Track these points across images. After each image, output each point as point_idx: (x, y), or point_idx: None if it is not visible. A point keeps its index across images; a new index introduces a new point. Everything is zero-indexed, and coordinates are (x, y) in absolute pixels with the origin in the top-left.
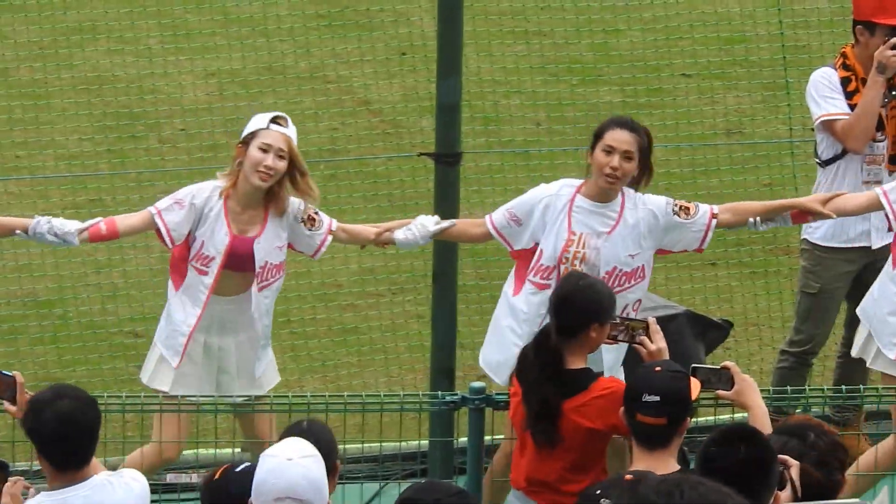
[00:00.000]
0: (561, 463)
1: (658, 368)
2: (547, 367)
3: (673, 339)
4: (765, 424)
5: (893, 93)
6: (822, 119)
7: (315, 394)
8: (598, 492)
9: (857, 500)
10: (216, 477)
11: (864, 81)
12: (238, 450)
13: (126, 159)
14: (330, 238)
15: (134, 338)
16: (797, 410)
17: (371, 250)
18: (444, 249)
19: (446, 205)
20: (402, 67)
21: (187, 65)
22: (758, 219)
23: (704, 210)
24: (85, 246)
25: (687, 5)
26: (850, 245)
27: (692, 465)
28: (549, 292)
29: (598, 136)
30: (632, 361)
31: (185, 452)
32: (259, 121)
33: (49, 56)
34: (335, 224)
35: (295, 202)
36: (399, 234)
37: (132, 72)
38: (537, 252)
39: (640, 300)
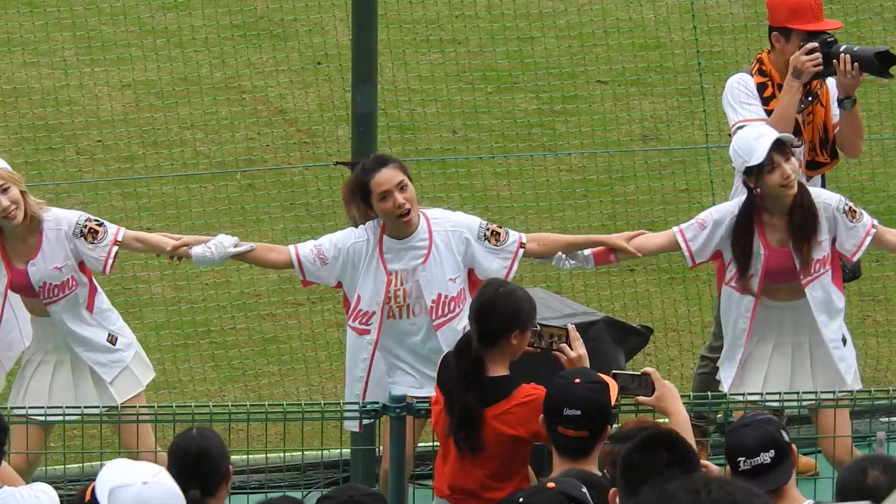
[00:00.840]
0: (483, 470)
1: (577, 381)
2: (468, 375)
3: (592, 345)
4: (686, 430)
5: (809, 98)
6: (740, 125)
7: (236, 403)
8: (521, 499)
9: None
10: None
11: (780, 87)
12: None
13: (43, 171)
14: (116, 249)
15: None
16: (718, 416)
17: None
18: None
19: None
20: (318, 77)
21: (103, 76)
22: (563, 255)
23: (514, 238)
24: None
25: (601, 12)
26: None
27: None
28: (367, 337)
29: (363, 191)
30: (550, 369)
31: (69, 466)
32: None
33: None
34: (123, 233)
35: (73, 216)
36: (196, 250)
37: (48, 84)
38: (354, 299)
39: (465, 326)
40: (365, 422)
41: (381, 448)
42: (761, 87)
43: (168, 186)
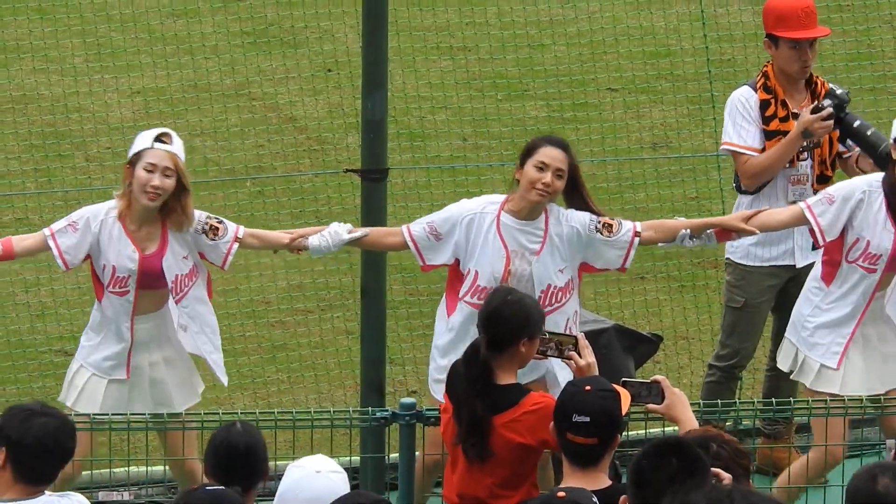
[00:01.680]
0: (492, 478)
1: (588, 388)
2: (477, 383)
3: (602, 353)
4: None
5: (808, 143)
6: (728, 148)
7: (246, 410)
8: None
9: None
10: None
11: (783, 104)
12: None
13: (53, 178)
14: (236, 246)
15: (63, 356)
16: (727, 424)
17: (299, 266)
18: (372, 265)
19: (373, 221)
20: (328, 84)
21: (112, 83)
22: (688, 232)
23: (627, 227)
24: (13, 264)
25: (611, 20)
26: (772, 263)
27: (624, 479)
28: (474, 313)
29: (529, 152)
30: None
31: (115, 470)
32: (144, 140)
33: None
34: (242, 230)
35: (197, 214)
36: (313, 240)
37: (57, 90)
38: (471, 273)
39: (577, 311)
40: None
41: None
42: (764, 105)
43: None
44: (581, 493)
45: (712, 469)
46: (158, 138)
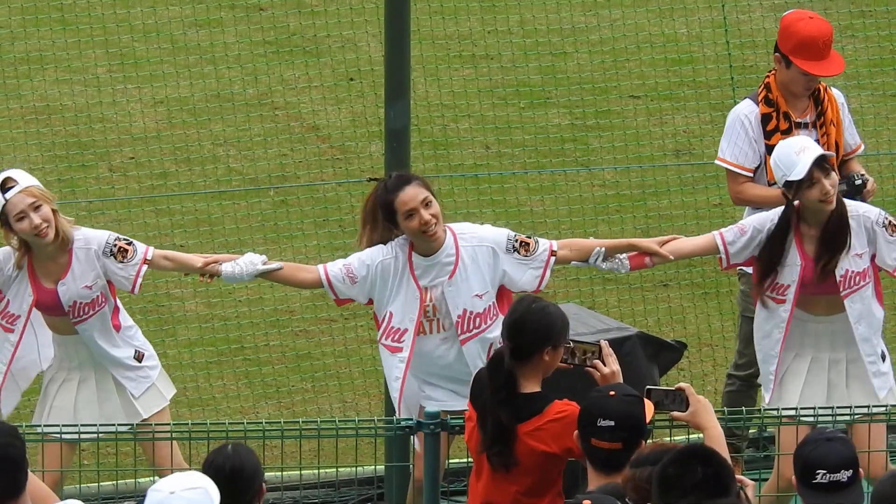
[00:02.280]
0: (516, 486)
1: (612, 393)
2: (501, 391)
3: (626, 361)
4: (721, 445)
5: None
6: (721, 164)
7: (270, 420)
8: None
9: None
10: None
11: (785, 116)
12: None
13: (76, 188)
14: (146, 268)
15: None
16: (751, 431)
17: None
18: None
19: None
20: (350, 93)
21: (136, 93)
22: (602, 251)
23: (544, 246)
24: None
25: (634, 27)
26: None
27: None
28: (399, 355)
29: (388, 211)
30: (584, 385)
31: (103, 483)
32: None
33: None
34: (152, 252)
35: (102, 235)
36: (226, 267)
37: (81, 101)
38: (386, 316)
39: (497, 337)
40: (415, 445)
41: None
42: (766, 119)
43: (201, 203)
44: (606, 500)
45: (738, 477)
46: (3, 189)
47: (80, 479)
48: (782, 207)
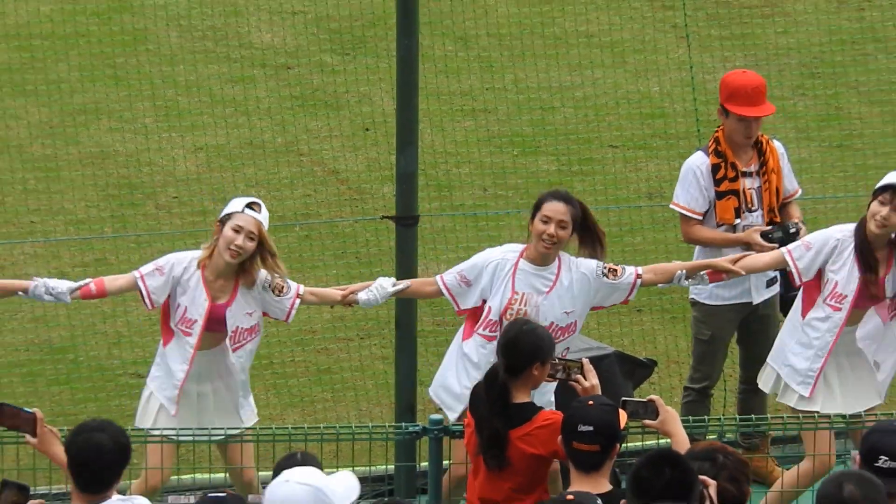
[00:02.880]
0: (509, 484)
1: (591, 403)
2: (496, 402)
3: (604, 376)
4: (685, 448)
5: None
6: (674, 207)
7: (295, 426)
8: None
9: None
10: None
11: (732, 165)
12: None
13: (127, 224)
14: (298, 301)
15: (137, 378)
16: (711, 437)
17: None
18: (404, 300)
19: (406, 261)
20: (366, 141)
21: (178, 140)
22: (684, 273)
23: (630, 272)
24: (93, 300)
25: (613, 85)
26: (733, 302)
27: (623, 485)
28: (491, 344)
29: (537, 206)
30: (567, 396)
31: (182, 477)
32: (236, 204)
33: (58, 134)
34: (303, 289)
35: (263, 274)
36: (362, 296)
37: (131, 147)
38: (485, 309)
39: (567, 348)
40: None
41: (449, 461)
42: (715, 168)
43: None
44: (586, 496)
45: (700, 476)
46: (249, 206)
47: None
48: (842, 226)
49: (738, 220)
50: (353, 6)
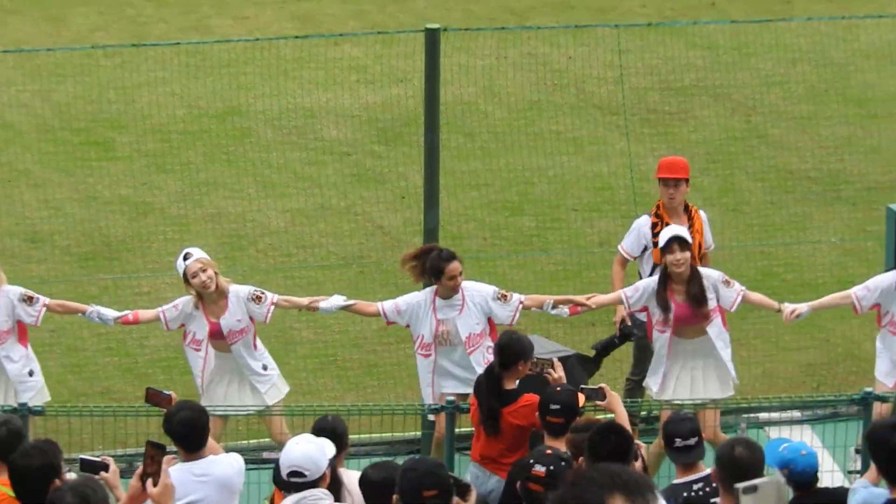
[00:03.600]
0: (501, 445)
1: (558, 389)
2: (492, 388)
3: (568, 370)
4: (625, 422)
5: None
6: (619, 247)
7: (353, 404)
8: (531, 461)
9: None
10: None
11: (666, 225)
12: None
13: (237, 263)
14: (273, 307)
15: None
16: (642, 412)
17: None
18: None
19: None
20: (402, 205)
21: (272, 204)
22: (550, 303)
23: (516, 298)
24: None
25: (574, 167)
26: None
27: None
28: (429, 359)
29: (439, 272)
30: (542, 384)
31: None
32: (181, 264)
33: (188, 199)
34: (276, 297)
35: (245, 288)
36: (322, 304)
37: (239, 209)
38: (419, 337)
39: (489, 346)
40: (430, 417)
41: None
42: (654, 225)
43: (311, 273)
44: (558, 451)
45: (636, 442)
46: (185, 258)
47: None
48: (656, 277)
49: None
50: (393, 111)
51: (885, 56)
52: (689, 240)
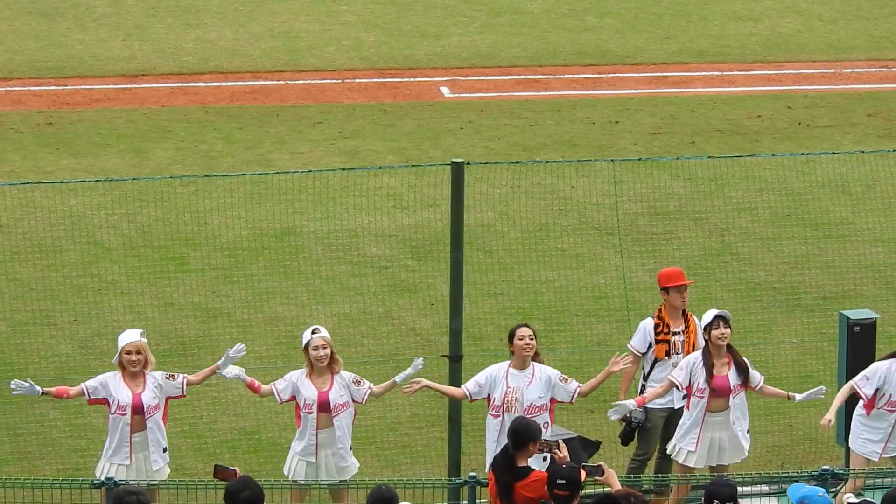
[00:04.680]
0: None
1: (564, 466)
2: (507, 465)
3: (572, 450)
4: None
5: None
6: (629, 345)
7: (391, 479)
8: None
9: None
10: None
11: (667, 325)
12: None
13: (291, 358)
14: (369, 392)
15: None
16: (645, 487)
17: (416, 400)
18: (455, 404)
19: (454, 381)
20: (431, 311)
21: (322, 309)
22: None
23: (574, 384)
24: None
25: (576, 279)
26: (663, 406)
27: None
28: (499, 420)
29: (512, 336)
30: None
31: None
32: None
33: (250, 306)
34: (374, 387)
35: (350, 376)
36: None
37: (293, 313)
38: (491, 399)
39: (547, 422)
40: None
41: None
42: (657, 326)
43: (355, 367)
44: None
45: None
46: (314, 331)
47: None
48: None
49: (667, 358)
50: (424, 232)
51: (838, 186)
52: (730, 318)
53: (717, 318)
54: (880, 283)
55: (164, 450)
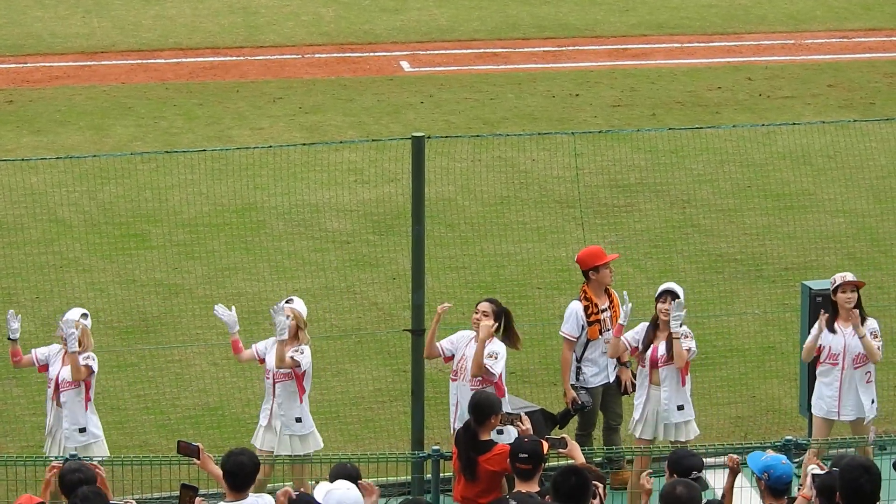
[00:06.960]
0: (478, 488)
1: (526, 439)
2: (469, 439)
3: (534, 423)
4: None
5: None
6: (561, 332)
7: (354, 454)
8: (507, 496)
9: None
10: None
11: (595, 306)
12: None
13: (254, 332)
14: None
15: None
16: (597, 459)
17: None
18: (419, 378)
19: (417, 356)
20: (394, 285)
21: (283, 285)
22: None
23: (500, 366)
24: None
25: (538, 252)
26: (601, 383)
27: (546, 485)
28: (456, 383)
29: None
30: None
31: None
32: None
33: (212, 281)
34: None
35: (300, 348)
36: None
37: (255, 289)
38: (453, 362)
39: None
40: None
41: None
42: (586, 308)
43: (317, 342)
44: (526, 498)
45: (593, 482)
46: (288, 301)
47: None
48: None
49: (600, 336)
50: (385, 206)
51: (799, 157)
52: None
53: (665, 292)
54: (842, 254)
55: (82, 430)
